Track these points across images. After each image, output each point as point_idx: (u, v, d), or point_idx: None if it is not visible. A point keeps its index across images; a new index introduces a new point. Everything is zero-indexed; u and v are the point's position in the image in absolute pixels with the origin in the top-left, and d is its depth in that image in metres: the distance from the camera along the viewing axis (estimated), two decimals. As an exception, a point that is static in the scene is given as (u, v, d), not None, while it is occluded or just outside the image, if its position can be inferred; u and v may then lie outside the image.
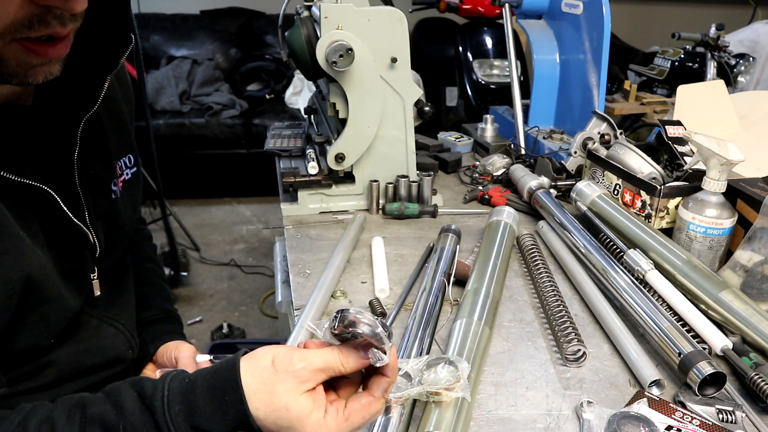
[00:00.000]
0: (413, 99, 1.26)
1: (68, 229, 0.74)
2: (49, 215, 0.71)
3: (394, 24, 1.18)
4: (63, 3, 0.58)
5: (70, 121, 0.73)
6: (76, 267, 0.76)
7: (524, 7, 1.72)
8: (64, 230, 0.73)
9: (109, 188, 0.82)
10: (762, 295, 0.90)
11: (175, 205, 3.32)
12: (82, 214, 0.76)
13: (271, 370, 0.57)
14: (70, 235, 0.74)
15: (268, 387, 0.56)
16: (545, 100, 1.72)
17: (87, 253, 0.78)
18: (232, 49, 4.24)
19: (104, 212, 0.81)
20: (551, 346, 0.86)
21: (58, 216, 0.72)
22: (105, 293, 0.84)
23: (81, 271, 0.77)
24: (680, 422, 0.69)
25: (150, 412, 0.56)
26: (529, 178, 1.30)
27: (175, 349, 0.95)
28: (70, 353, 0.77)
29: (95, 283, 0.81)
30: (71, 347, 0.77)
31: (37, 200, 0.69)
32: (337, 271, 1.02)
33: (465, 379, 0.66)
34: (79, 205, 0.76)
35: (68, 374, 0.77)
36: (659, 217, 1.10)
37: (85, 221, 0.76)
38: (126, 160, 0.88)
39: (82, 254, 0.77)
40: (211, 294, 2.84)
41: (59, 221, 0.72)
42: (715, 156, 0.96)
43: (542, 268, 1.01)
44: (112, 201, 0.83)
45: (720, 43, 2.74)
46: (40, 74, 0.63)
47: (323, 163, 1.29)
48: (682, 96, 1.43)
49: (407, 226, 1.25)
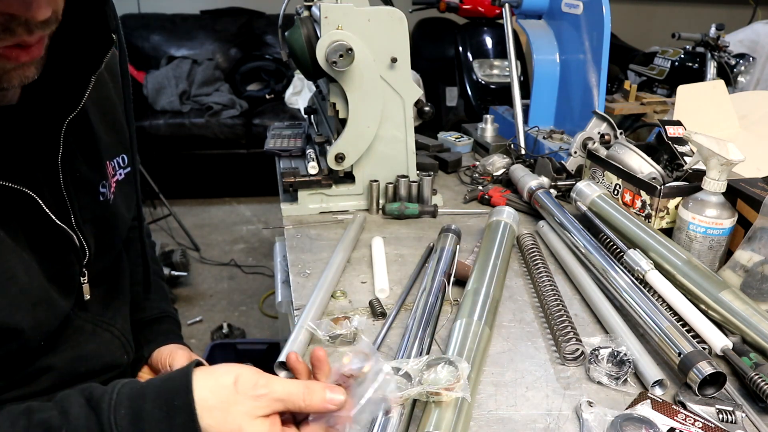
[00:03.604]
0: (413, 99, 1.26)
1: (52, 231, 0.72)
2: (31, 218, 0.69)
3: (394, 24, 1.18)
4: (25, 12, 0.56)
5: (54, 123, 0.72)
6: (62, 270, 0.75)
7: (524, 7, 1.72)
8: (48, 233, 0.72)
9: (97, 190, 0.80)
10: (762, 295, 0.90)
11: (175, 205, 3.32)
12: (68, 217, 0.74)
13: (232, 390, 0.57)
14: (54, 238, 0.73)
15: (225, 406, 0.56)
16: (545, 100, 1.72)
17: (73, 257, 0.76)
18: (232, 49, 4.24)
19: (93, 215, 0.79)
20: (551, 346, 0.86)
21: (40, 218, 0.70)
22: (98, 297, 0.83)
23: (67, 274, 0.76)
24: (683, 424, 0.69)
25: (96, 415, 0.56)
26: (529, 178, 1.30)
27: (170, 355, 0.93)
28: (65, 359, 0.76)
29: (85, 287, 0.80)
30: (66, 353, 0.76)
31: (18, 202, 0.67)
32: (337, 271, 1.02)
33: (465, 379, 0.66)
34: (65, 208, 0.74)
35: (64, 380, 0.76)
36: (659, 217, 1.10)
37: (71, 224, 0.74)
38: (119, 160, 0.86)
39: (68, 257, 0.75)
40: (211, 294, 2.84)
41: (42, 224, 0.71)
42: (715, 156, 0.96)
43: (542, 268, 1.01)
44: (101, 204, 0.81)
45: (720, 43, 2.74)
46: (14, 78, 0.62)
47: (323, 163, 1.29)
48: (682, 96, 1.43)
49: (407, 226, 1.25)
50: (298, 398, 0.57)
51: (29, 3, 0.56)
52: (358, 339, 0.86)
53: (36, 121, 0.71)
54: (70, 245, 0.75)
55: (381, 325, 0.89)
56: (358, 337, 0.86)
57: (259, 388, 0.57)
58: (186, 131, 3.66)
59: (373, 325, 0.91)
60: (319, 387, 0.58)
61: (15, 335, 0.66)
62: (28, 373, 0.73)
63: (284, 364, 0.78)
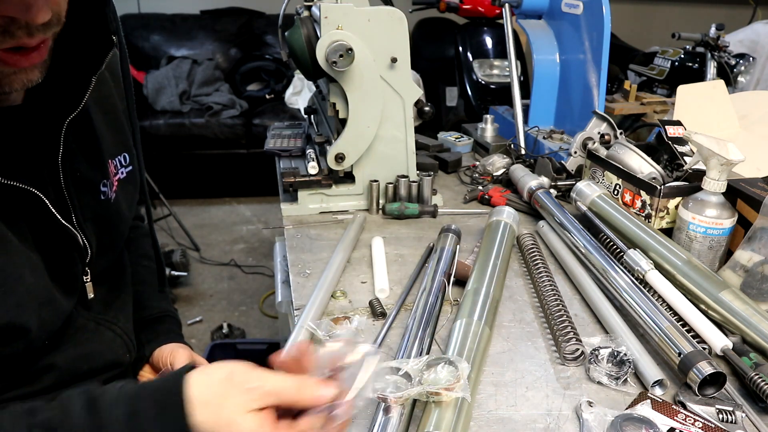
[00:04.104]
0: (413, 99, 1.26)
1: (56, 230, 0.73)
2: (36, 217, 0.70)
3: (394, 24, 1.18)
4: (24, 14, 0.56)
5: (55, 123, 0.72)
6: (66, 269, 0.75)
7: (524, 7, 1.72)
8: (52, 232, 0.72)
9: (98, 189, 0.81)
10: (762, 295, 0.90)
11: (175, 205, 3.32)
12: (69, 217, 0.75)
13: (226, 383, 0.58)
14: (59, 237, 0.73)
15: (219, 400, 0.57)
16: (545, 100, 1.72)
17: (76, 255, 0.77)
18: (232, 49, 4.24)
19: (94, 214, 0.80)
20: (551, 346, 0.86)
21: (45, 218, 0.71)
22: (100, 295, 0.83)
23: (70, 273, 0.76)
24: (683, 424, 0.69)
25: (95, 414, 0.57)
26: (529, 178, 1.30)
27: (171, 354, 0.93)
28: (68, 358, 0.76)
29: (88, 286, 0.80)
30: (69, 351, 0.76)
31: (24, 202, 0.68)
32: (337, 271, 1.02)
33: (465, 379, 0.66)
34: (66, 207, 0.74)
35: (66, 379, 0.76)
36: (659, 217, 1.10)
37: (72, 223, 0.75)
38: (121, 159, 0.87)
39: (71, 256, 0.76)
40: (211, 294, 2.84)
41: (47, 223, 0.71)
42: (715, 156, 0.96)
43: (542, 268, 1.01)
44: (102, 202, 0.81)
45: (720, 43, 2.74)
46: (16, 82, 0.62)
47: (323, 163, 1.29)
48: (682, 96, 1.43)
49: (407, 226, 1.25)
50: (290, 392, 0.58)
51: (29, 5, 0.56)
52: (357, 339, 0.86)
53: (38, 121, 0.72)
54: (73, 244, 0.76)
55: (381, 325, 0.89)
56: (358, 337, 0.86)
57: (252, 381, 0.57)
58: (186, 131, 3.65)
59: (373, 325, 0.91)
60: (312, 382, 0.59)
61: (22, 334, 0.67)
62: (30, 372, 0.73)
63: (284, 364, 0.79)
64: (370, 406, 0.71)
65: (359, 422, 0.70)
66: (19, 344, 0.67)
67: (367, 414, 0.71)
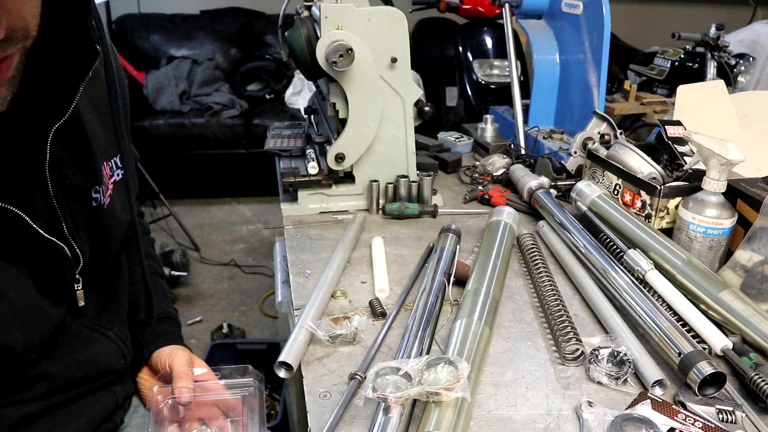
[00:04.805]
0: (413, 99, 1.26)
1: (41, 244, 0.71)
2: (20, 233, 0.68)
3: (394, 24, 1.18)
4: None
5: (41, 131, 0.70)
6: (54, 280, 0.74)
7: (524, 7, 1.72)
8: (38, 246, 0.71)
9: (90, 196, 0.79)
10: (762, 295, 0.90)
11: (175, 205, 3.32)
12: (59, 226, 0.73)
13: None
14: (45, 250, 0.72)
15: None
16: (545, 100, 1.72)
17: (65, 266, 0.75)
18: (232, 49, 4.24)
19: (86, 221, 0.78)
20: (551, 346, 0.86)
21: (29, 233, 0.69)
22: (93, 301, 0.82)
23: (60, 282, 0.75)
24: (683, 424, 0.69)
25: None
26: (529, 178, 1.30)
27: (170, 356, 0.92)
28: (61, 366, 0.76)
29: (79, 293, 0.79)
30: (61, 360, 0.76)
31: (6, 219, 0.66)
32: (337, 271, 1.02)
33: (465, 379, 0.65)
34: (56, 216, 0.73)
35: (59, 387, 0.76)
36: (659, 217, 1.10)
37: (62, 233, 0.74)
38: (117, 160, 0.85)
39: (59, 267, 0.75)
40: (211, 294, 2.84)
41: (31, 238, 0.70)
42: (715, 156, 0.96)
43: (542, 268, 1.01)
44: (95, 209, 0.80)
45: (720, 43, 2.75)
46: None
47: (323, 163, 1.29)
48: (682, 96, 1.43)
49: (407, 226, 1.25)
50: None
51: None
52: (357, 339, 0.86)
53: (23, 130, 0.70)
54: (61, 256, 0.74)
55: (381, 325, 0.89)
56: (358, 337, 0.86)
57: None
58: (186, 131, 3.66)
59: (373, 325, 0.91)
60: None
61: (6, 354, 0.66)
62: (22, 381, 0.72)
63: (284, 364, 0.79)
64: (370, 406, 0.71)
65: (359, 422, 0.70)
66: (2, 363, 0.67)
67: (367, 414, 0.71)
